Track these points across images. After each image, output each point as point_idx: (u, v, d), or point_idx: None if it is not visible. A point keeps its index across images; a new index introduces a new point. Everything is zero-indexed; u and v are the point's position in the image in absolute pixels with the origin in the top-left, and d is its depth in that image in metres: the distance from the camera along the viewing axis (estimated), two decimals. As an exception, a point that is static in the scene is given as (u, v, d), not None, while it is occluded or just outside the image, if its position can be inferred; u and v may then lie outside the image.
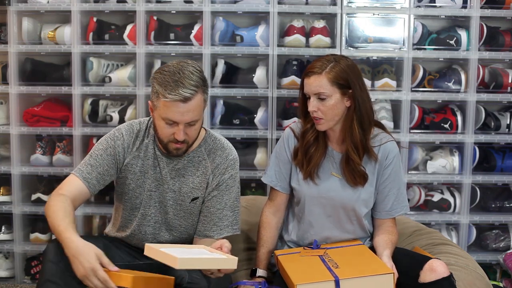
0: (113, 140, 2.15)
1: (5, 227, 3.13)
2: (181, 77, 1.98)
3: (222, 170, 2.18)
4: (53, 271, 1.92)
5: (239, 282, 2.17)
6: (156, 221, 2.19)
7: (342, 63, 2.13)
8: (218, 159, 2.19)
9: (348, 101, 2.14)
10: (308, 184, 2.21)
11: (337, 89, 2.11)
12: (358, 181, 2.17)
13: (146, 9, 3.00)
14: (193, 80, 1.99)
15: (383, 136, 2.22)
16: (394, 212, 2.23)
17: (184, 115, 1.99)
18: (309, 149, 2.21)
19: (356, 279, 1.93)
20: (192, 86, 1.98)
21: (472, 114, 3.02)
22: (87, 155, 2.16)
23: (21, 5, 3.03)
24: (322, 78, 2.10)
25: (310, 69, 2.13)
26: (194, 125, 2.05)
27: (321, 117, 2.12)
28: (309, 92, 2.13)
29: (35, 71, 3.08)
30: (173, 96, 1.96)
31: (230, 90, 3.02)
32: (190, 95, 1.97)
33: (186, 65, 2.02)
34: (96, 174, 2.11)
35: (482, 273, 2.35)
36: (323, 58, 2.15)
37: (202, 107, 2.05)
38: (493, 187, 3.13)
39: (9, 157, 3.10)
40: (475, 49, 3.00)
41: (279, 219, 2.31)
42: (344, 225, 2.23)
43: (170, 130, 2.03)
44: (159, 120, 2.03)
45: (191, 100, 1.98)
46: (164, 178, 2.15)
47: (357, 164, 2.15)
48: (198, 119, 2.04)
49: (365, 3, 3.02)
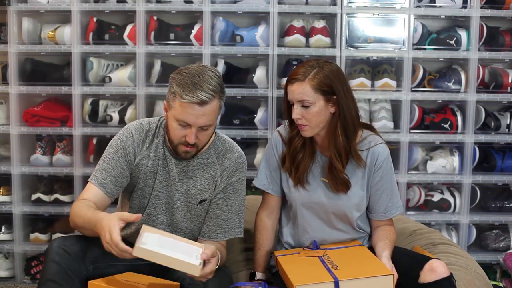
0: (123, 141, 2.13)
1: (5, 227, 3.13)
2: (200, 80, 1.97)
3: (230, 173, 2.18)
4: (55, 271, 1.93)
5: (239, 283, 2.17)
6: (162, 223, 2.18)
7: (325, 69, 2.08)
8: (227, 162, 2.18)
9: (333, 107, 2.10)
10: (298, 190, 2.19)
11: (321, 96, 2.07)
12: (340, 188, 2.14)
13: (146, 9, 2.99)
14: (211, 85, 1.98)
15: (372, 139, 2.18)
16: (389, 213, 2.22)
17: (199, 118, 1.98)
18: (296, 155, 2.18)
19: (355, 280, 1.93)
20: (210, 91, 1.97)
21: (472, 114, 3.02)
22: (100, 160, 2.14)
23: (21, 5, 3.03)
24: (305, 85, 2.06)
25: (293, 75, 2.09)
26: (207, 130, 2.04)
27: (305, 124, 2.09)
28: (293, 100, 2.09)
29: (35, 71, 3.08)
30: (190, 97, 1.95)
31: (230, 90, 3.01)
32: (208, 99, 1.96)
33: (206, 70, 2.02)
34: (111, 178, 2.09)
35: (482, 273, 2.35)
36: (306, 64, 2.10)
37: (217, 113, 2.04)
38: (493, 187, 3.13)
39: (9, 157, 3.10)
40: (475, 49, 3.00)
41: (274, 221, 2.30)
42: (337, 227, 2.22)
43: (182, 132, 2.02)
44: (173, 121, 2.02)
45: (208, 104, 1.97)
46: (172, 179, 2.14)
47: (340, 171, 2.12)
48: (211, 124, 2.04)
49: (365, 3, 3.02)
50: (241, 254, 2.51)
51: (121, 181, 2.12)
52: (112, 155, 2.11)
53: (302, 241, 2.25)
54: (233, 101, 3.10)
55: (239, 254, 2.51)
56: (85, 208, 1.97)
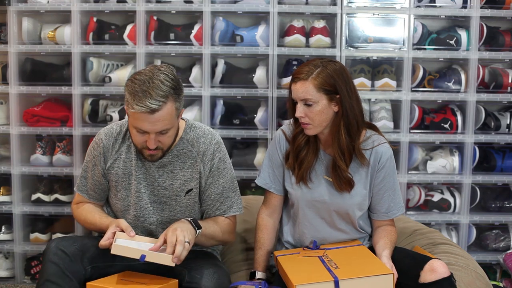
0: (94, 149, 2.21)
1: (5, 227, 3.13)
2: (149, 86, 1.95)
3: (210, 156, 2.18)
4: (53, 272, 1.94)
5: (239, 282, 2.17)
6: (152, 222, 2.19)
7: (329, 68, 2.09)
8: (203, 146, 2.18)
9: (336, 106, 2.11)
10: (301, 188, 2.20)
11: (324, 95, 2.08)
12: (344, 187, 2.15)
13: (146, 9, 3.00)
14: (162, 90, 1.95)
15: (375, 138, 2.19)
16: (391, 213, 2.22)
17: (154, 125, 1.98)
18: (300, 152, 2.19)
19: (355, 279, 1.93)
20: (159, 97, 1.94)
21: (472, 114, 3.02)
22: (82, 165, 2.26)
23: (21, 5, 3.03)
24: (308, 84, 2.07)
25: (297, 74, 2.10)
26: (167, 133, 2.04)
27: (308, 123, 2.10)
28: (296, 98, 2.10)
29: (35, 71, 3.08)
30: (140, 107, 1.94)
31: (230, 90, 3.02)
32: (158, 106, 1.94)
33: (158, 73, 1.98)
34: (90, 185, 2.20)
35: (482, 273, 2.35)
36: (310, 63, 2.11)
37: (174, 115, 2.02)
38: (493, 187, 3.13)
39: (9, 157, 3.10)
40: (475, 49, 3.00)
41: (275, 221, 2.30)
42: (339, 227, 2.22)
43: (142, 138, 2.04)
44: (131, 128, 2.05)
45: (160, 111, 1.96)
46: (153, 177, 2.15)
47: (343, 170, 2.13)
48: (170, 128, 2.03)
49: (365, 3, 3.02)
50: (241, 254, 2.50)
51: (100, 187, 2.22)
52: (88, 164, 2.23)
53: (302, 240, 2.25)
54: (233, 101, 3.10)
55: (239, 254, 2.51)
56: (90, 215, 2.18)
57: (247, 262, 2.43)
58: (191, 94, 2.99)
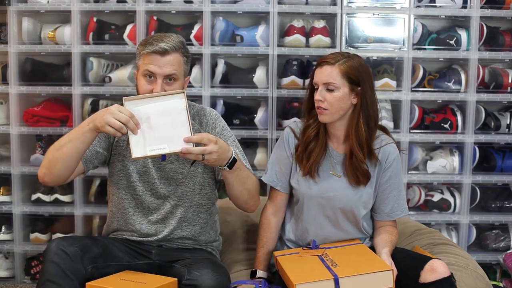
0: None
1: (5, 227, 3.13)
2: (161, 36, 2.14)
3: (212, 125, 2.25)
4: (53, 271, 1.94)
5: (239, 281, 2.17)
6: (159, 197, 2.21)
7: (355, 59, 2.16)
8: (204, 118, 2.26)
9: (355, 98, 2.15)
10: (307, 182, 2.20)
11: (347, 83, 2.12)
12: (361, 180, 2.17)
13: (146, 9, 3.00)
14: (173, 41, 2.12)
15: (383, 138, 2.22)
16: (394, 214, 2.23)
17: (162, 68, 2.09)
18: (309, 144, 2.22)
19: (355, 277, 1.93)
20: (170, 44, 2.10)
21: (472, 114, 3.02)
22: None
23: (21, 5, 3.03)
24: (334, 69, 2.12)
25: (323, 59, 2.16)
26: (173, 83, 2.11)
27: (326, 108, 2.13)
28: (319, 82, 2.14)
29: (35, 71, 3.08)
30: (151, 47, 2.09)
31: (230, 90, 3.02)
32: (169, 48, 2.09)
33: (169, 34, 2.18)
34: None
35: (482, 273, 2.35)
36: (337, 52, 2.20)
37: (182, 67, 2.15)
38: (493, 187, 3.13)
39: (9, 157, 3.10)
40: (475, 49, 3.00)
41: (279, 219, 2.31)
42: (342, 226, 2.23)
43: (150, 87, 2.10)
44: (140, 78, 2.13)
45: (169, 55, 2.10)
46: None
47: (361, 161, 2.15)
48: (176, 75, 2.11)
49: (365, 3, 3.02)
50: (241, 254, 2.50)
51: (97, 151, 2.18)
52: None
53: (304, 237, 2.25)
54: (233, 101, 3.10)
55: (239, 254, 2.51)
56: (61, 138, 2.07)
57: (247, 262, 2.43)
58: (191, 94, 2.99)
